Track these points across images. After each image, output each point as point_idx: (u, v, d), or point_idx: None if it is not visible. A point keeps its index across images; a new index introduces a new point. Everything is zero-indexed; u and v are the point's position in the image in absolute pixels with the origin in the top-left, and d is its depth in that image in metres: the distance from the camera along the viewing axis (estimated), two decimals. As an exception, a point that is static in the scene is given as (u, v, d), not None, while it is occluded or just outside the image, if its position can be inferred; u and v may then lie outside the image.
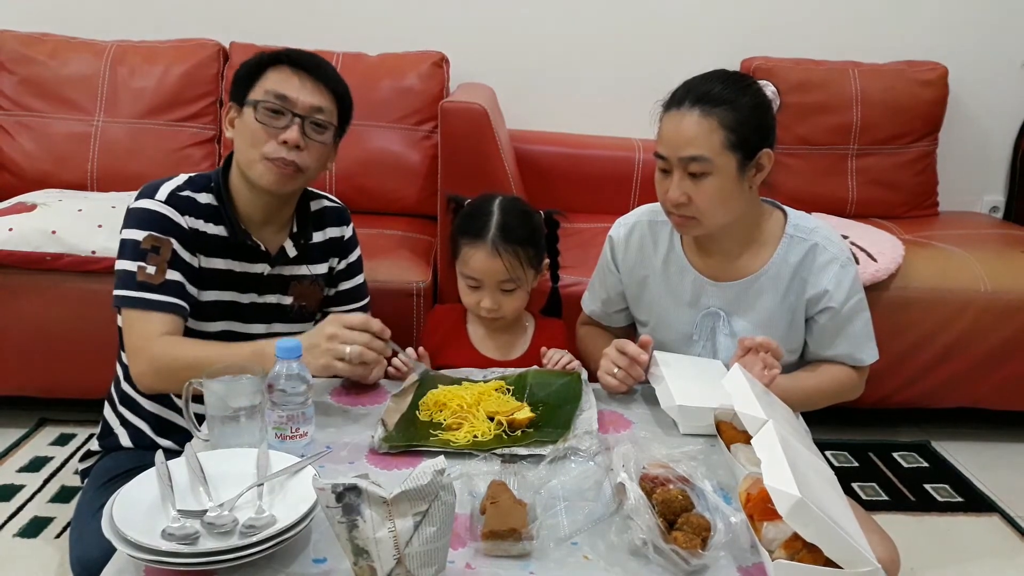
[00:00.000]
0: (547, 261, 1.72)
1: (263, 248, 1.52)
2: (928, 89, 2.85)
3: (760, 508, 1.00)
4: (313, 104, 1.45)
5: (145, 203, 1.45)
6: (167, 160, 2.61)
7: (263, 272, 1.54)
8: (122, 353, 1.54)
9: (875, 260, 2.28)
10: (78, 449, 2.24)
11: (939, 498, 2.24)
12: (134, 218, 1.45)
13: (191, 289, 1.45)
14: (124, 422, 1.56)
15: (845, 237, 2.36)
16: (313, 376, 1.24)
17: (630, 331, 1.77)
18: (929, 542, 2.04)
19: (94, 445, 1.60)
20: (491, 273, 1.59)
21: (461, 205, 1.71)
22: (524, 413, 1.31)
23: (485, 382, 1.44)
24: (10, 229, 2.12)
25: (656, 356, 1.46)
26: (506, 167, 2.19)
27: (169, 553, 0.92)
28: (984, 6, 2.97)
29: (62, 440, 2.29)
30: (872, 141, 2.82)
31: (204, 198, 1.48)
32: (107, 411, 1.60)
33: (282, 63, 1.46)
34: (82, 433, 2.32)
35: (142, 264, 1.40)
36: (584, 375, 1.48)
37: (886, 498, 2.22)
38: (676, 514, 1.04)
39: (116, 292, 1.42)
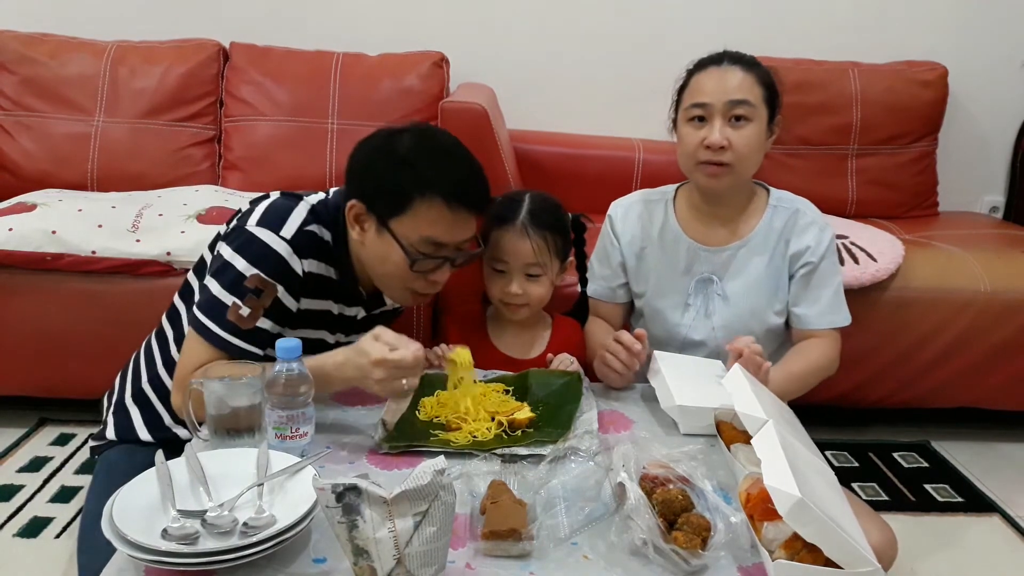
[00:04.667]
0: (571, 260, 1.73)
1: (364, 295, 1.51)
2: (928, 89, 2.84)
3: (760, 508, 1.01)
4: (465, 239, 1.39)
5: (268, 237, 1.34)
6: (167, 160, 2.61)
7: (356, 315, 1.52)
8: (172, 344, 1.50)
9: (875, 260, 2.28)
10: (78, 449, 2.24)
11: (939, 498, 2.24)
12: (249, 249, 1.34)
13: (276, 330, 1.37)
14: (144, 404, 1.52)
15: (845, 237, 2.38)
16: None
17: (631, 312, 1.81)
18: (929, 542, 2.03)
19: (110, 432, 1.55)
20: (519, 255, 1.60)
21: (492, 200, 1.72)
22: (524, 413, 1.31)
23: (485, 383, 1.44)
24: (10, 229, 2.12)
25: (656, 356, 1.47)
26: (506, 167, 2.19)
27: (169, 553, 0.92)
28: (984, 6, 2.97)
29: (62, 440, 2.29)
30: (872, 141, 2.82)
31: (325, 234, 1.40)
32: (128, 399, 1.54)
33: (436, 194, 1.31)
34: (82, 433, 2.32)
35: (237, 302, 1.32)
36: (586, 382, 1.48)
37: (886, 498, 2.22)
38: (676, 514, 1.04)
39: (199, 315, 1.33)
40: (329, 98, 2.64)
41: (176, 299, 1.54)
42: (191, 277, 1.52)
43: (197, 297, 1.40)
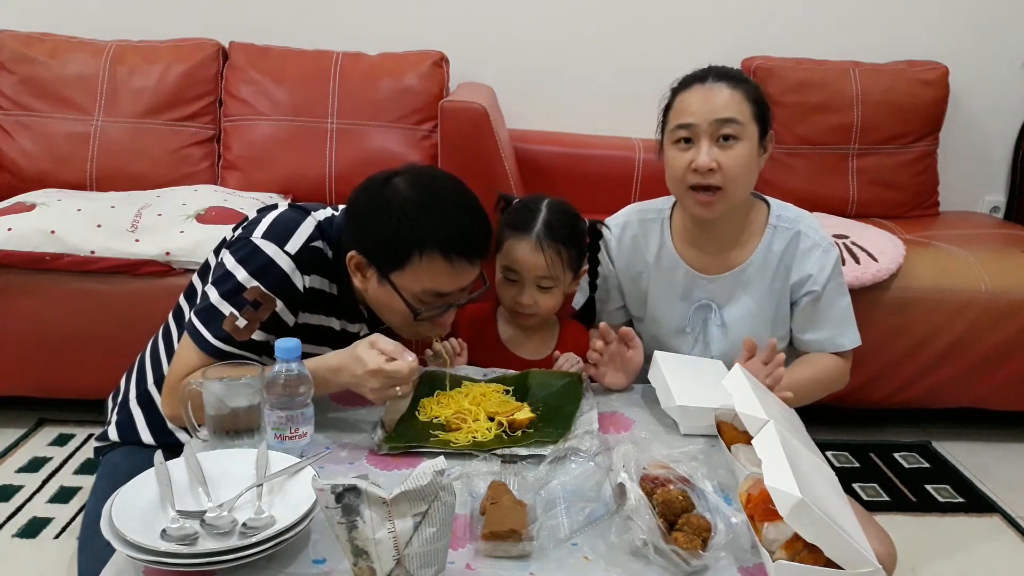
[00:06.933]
0: (584, 268, 1.71)
1: (365, 313, 1.50)
2: (928, 89, 2.85)
3: (761, 509, 1.00)
4: (467, 284, 1.38)
5: (271, 251, 1.33)
6: (167, 160, 2.61)
7: (359, 332, 1.51)
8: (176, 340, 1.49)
9: (876, 260, 2.28)
10: (77, 449, 2.24)
11: (940, 498, 2.23)
12: (252, 261, 1.33)
13: (272, 341, 1.35)
14: (148, 405, 1.50)
15: (846, 237, 2.37)
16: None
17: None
18: (930, 542, 2.03)
19: (113, 433, 1.53)
20: (531, 267, 1.59)
21: (510, 203, 1.71)
22: (524, 413, 1.31)
23: (485, 383, 1.44)
24: (9, 229, 2.11)
25: (656, 356, 1.46)
26: (506, 167, 2.19)
27: (168, 554, 0.92)
28: (984, 6, 2.97)
29: (61, 440, 2.29)
30: (873, 141, 2.82)
31: (329, 252, 1.40)
32: (132, 401, 1.54)
33: (434, 249, 1.30)
34: (81, 433, 2.31)
35: (235, 312, 1.31)
36: (586, 383, 1.47)
37: (887, 499, 2.22)
38: (676, 514, 1.03)
39: (195, 321, 1.33)
40: (329, 98, 2.64)
41: (181, 300, 1.54)
42: (195, 280, 1.52)
43: (197, 302, 1.40)
